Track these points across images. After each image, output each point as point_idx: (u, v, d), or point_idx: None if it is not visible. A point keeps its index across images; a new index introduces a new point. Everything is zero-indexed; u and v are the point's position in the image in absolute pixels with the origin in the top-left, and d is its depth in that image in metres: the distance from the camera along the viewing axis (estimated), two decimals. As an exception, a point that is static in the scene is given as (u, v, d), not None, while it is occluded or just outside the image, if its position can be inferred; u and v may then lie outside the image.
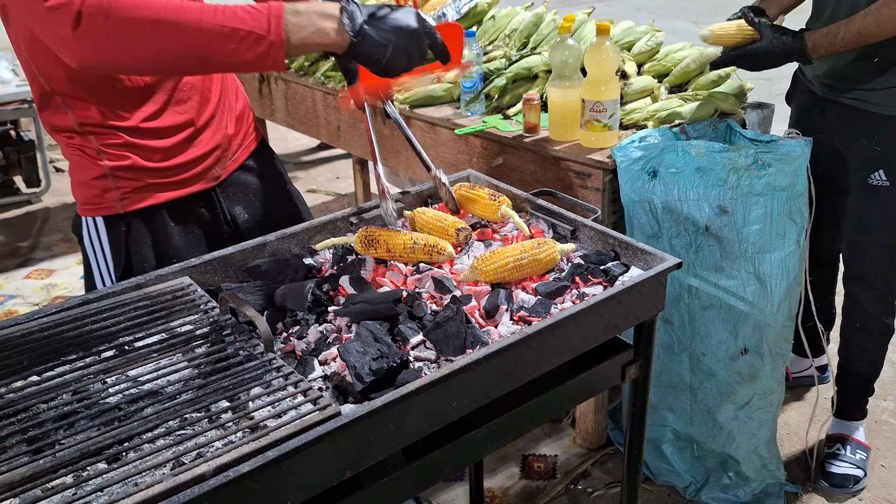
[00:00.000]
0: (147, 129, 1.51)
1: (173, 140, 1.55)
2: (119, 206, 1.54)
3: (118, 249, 1.57)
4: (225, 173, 1.67)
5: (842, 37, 1.85)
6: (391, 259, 1.48)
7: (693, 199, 1.86)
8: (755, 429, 2.08)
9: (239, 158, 1.71)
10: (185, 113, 1.56)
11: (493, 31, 2.69)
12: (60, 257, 3.86)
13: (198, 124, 1.59)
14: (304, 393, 1.05)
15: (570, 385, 1.36)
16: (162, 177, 1.55)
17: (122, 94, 1.47)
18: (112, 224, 1.56)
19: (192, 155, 1.59)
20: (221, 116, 1.65)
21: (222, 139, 1.65)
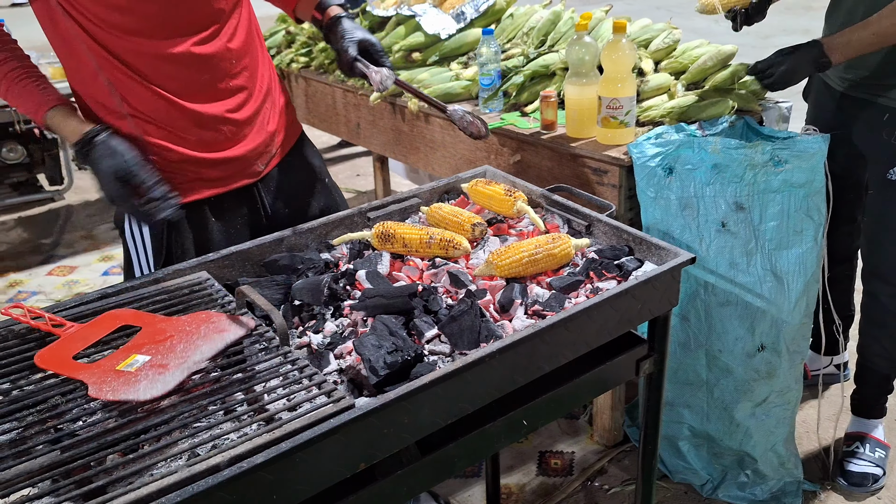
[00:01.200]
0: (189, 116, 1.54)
1: (217, 135, 1.58)
2: None
3: (159, 243, 1.59)
4: (266, 169, 1.70)
5: (858, 38, 1.84)
6: (407, 254, 1.49)
7: (709, 196, 1.86)
8: (772, 426, 2.07)
9: (280, 154, 1.74)
10: (230, 109, 1.59)
11: (512, 28, 2.70)
12: (82, 254, 3.92)
13: (241, 120, 1.61)
14: (318, 386, 1.06)
15: (584, 379, 1.36)
16: (205, 171, 1.58)
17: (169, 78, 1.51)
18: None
19: (236, 152, 1.61)
20: (265, 113, 1.67)
21: (265, 136, 1.67)
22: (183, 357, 1.07)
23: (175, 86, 1.51)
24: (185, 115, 1.53)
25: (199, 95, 1.54)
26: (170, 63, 1.49)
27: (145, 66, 1.48)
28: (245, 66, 1.61)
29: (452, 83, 2.54)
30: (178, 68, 1.51)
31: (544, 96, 2.15)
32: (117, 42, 1.45)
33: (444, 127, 2.49)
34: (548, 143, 2.16)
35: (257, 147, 1.65)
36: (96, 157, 1.40)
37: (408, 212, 1.65)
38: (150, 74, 1.49)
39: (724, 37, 2.05)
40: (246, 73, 1.61)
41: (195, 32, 1.51)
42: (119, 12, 1.43)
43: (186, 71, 1.52)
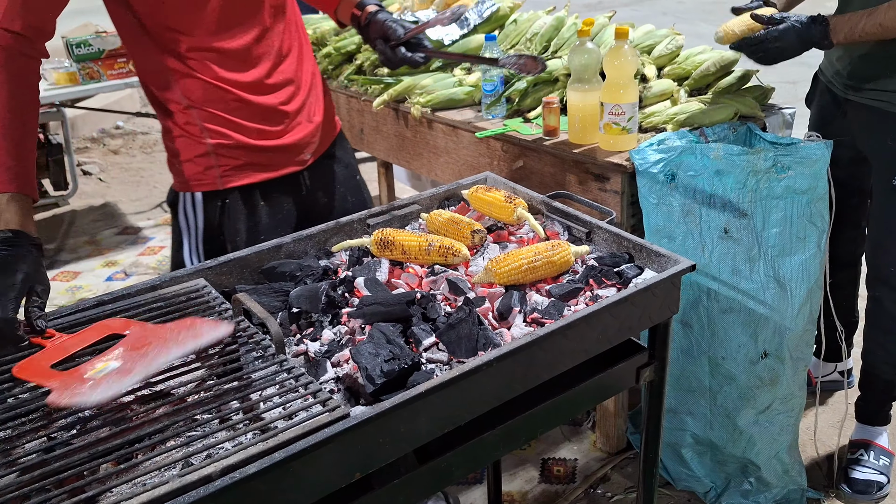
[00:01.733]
0: (246, 107, 1.64)
1: (269, 122, 1.67)
2: (219, 182, 1.66)
3: (211, 224, 1.68)
4: (312, 158, 1.79)
5: (863, 26, 1.81)
6: (406, 261, 1.49)
7: (712, 203, 1.85)
8: (776, 434, 2.05)
9: (324, 145, 1.83)
10: (282, 101, 1.69)
11: (515, 34, 2.69)
12: (86, 259, 3.92)
13: (291, 112, 1.71)
14: (313, 395, 1.05)
15: (583, 387, 1.35)
16: (258, 157, 1.67)
17: (225, 72, 1.60)
18: (210, 199, 1.68)
19: (286, 140, 1.71)
20: (311, 105, 1.77)
21: (312, 127, 1.77)
22: (150, 362, 1.06)
23: (231, 79, 1.61)
24: (242, 105, 1.63)
25: (253, 88, 1.64)
26: (226, 58, 1.60)
27: (201, 61, 1.58)
28: (292, 60, 1.72)
29: (455, 89, 2.53)
30: (234, 62, 1.61)
31: (547, 102, 2.15)
32: (176, 38, 1.55)
33: (447, 133, 2.49)
34: (550, 150, 2.15)
35: (305, 137, 1.75)
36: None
37: (407, 218, 1.65)
38: (206, 69, 1.59)
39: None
40: (293, 67, 1.72)
41: (248, 29, 1.62)
42: (177, 11, 1.53)
43: (241, 65, 1.62)
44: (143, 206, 4.58)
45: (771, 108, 2.22)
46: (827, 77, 2.13)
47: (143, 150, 5.51)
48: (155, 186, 4.87)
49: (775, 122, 2.18)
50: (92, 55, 3.57)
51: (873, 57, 1.93)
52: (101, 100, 5.42)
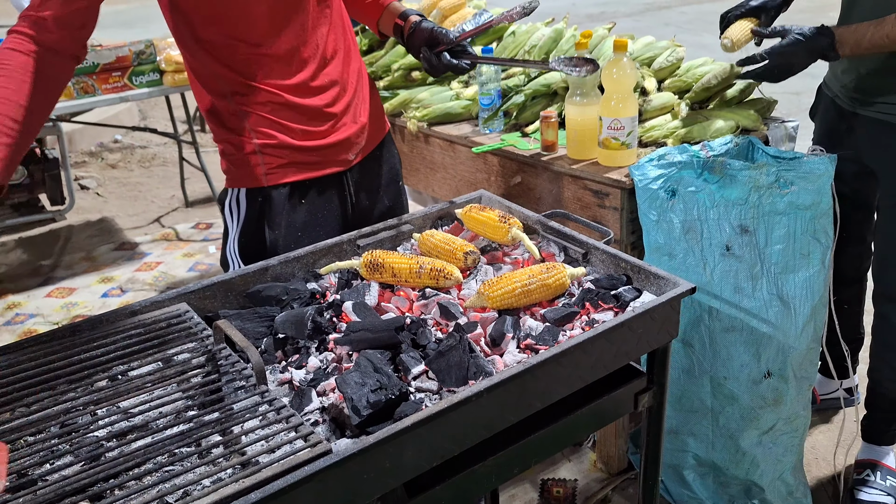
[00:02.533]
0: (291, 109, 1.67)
1: (314, 122, 1.70)
2: (264, 179, 1.70)
3: (251, 218, 1.72)
4: (356, 159, 1.81)
5: (870, 37, 1.77)
6: (397, 284, 1.44)
7: (713, 219, 1.80)
8: (780, 455, 2.00)
9: (369, 147, 1.85)
10: (327, 103, 1.72)
11: (513, 47, 2.65)
12: (82, 276, 3.88)
13: (337, 113, 1.73)
14: (295, 428, 1.01)
15: (579, 415, 1.30)
16: (302, 156, 1.70)
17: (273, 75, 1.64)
18: (252, 195, 1.72)
19: (330, 140, 1.73)
20: (356, 107, 1.79)
21: (357, 128, 1.79)
22: None
23: (278, 83, 1.65)
24: (287, 107, 1.67)
25: (299, 90, 1.67)
26: (273, 61, 1.63)
27: (250, 65, 1.62)
28: (338, 62, 1.75)
29: (452, 102, 2.50)
30: (281, 66, 1.65)
31: (544, 117, 2.11)
32: (228, 44, 1.60)
33: (444, 148, 2.45)
34: (548, 165, 2.11)
35: (349, 137, 1.77)
36: None
37: (399, 239, 1.61)
38: (255, 72, 1.63)
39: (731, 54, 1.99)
40: (339, 69, 1.74)
41: (295, 32, 1.64)
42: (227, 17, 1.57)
43: (287, 68, 1.65)
44: (140, 221, 4.55)
45: (774, 121, 2.18)
46: (832, 90, 2.08)
47: (141, 165, 5.49)
48: (152, 201, 4.84)
49: (778, 135, 2.13)
50: (86, 69, 3.54)
51: (881, 70, 1.89)
52: (100, 114, 5.40)
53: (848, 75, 1.99)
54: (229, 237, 1.78)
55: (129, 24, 10.02)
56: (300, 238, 1.71)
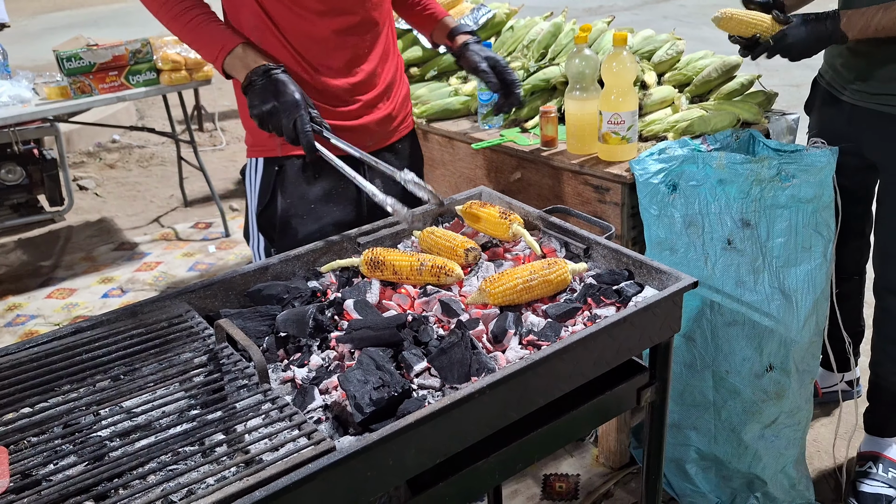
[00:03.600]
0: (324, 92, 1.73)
1: (342, 107, 1.76)
2: (279, 149, 1.75)
3: (266, 188, 1.78)
4: (375, 146, 1.85)
5: (878, 20, 1.77)
6: (398, 281, 1.44)
7: (714, 213, 1.80)
8: (782, 448, 2.00)
9: (391, 138, 1.90)
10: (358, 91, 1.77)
11: (512, 42, 2.65)
12: (82, 276, 3.88)
13: (365, 100, 1.79)
14: (298, 426, 1.01)
15: (581, 411, 1.30)
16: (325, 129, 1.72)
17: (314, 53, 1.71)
18: (269, 164, 1.78)
19: (350, 122, 1.78)
20: (384, 98, 1.85)
21: (382, 116, 1.84)
22: None
23: (316, 60, 1.71)
24: (318, 85, 1.72)
25: (335, 72, 1.73)
26: (317, 42, 1.70)
27: (295, 38, 1.68)
28: (377, 55, 1.80)
29: (451, 98, 2.49)
30: (323, 48, 1.71)
31: (544, 112, 2.10)
32: (279, 12, 1.66)
33: (443, 144, 2.44)
34: (548, 161, 2.11)
35: (370, 124, 1.82)
36: (288, 79, 1.55)
37: (400, 236, 1.60)
38: (298, 46, 1.69)
39: (730, 46, 1.99)
40: (376, 61, 1.80)
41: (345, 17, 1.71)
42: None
43: (330, 51, 1.72)
44: (139, 220, 4.54)
45: (774, 114, 2.17)
46: (831, 83, 2.08)
47: (139, 164, 5.48)
48: (151, 201, 4.83)
49: (779, 128, 2.13)
50: (83, 69, 3.53)
51: (882, 60, 1.88)
52: (97, 113, 5.39)
53: (848, 67, 1.98)
54: (249, 209, 1.85)
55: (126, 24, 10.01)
56: (312, 209, 1.77)
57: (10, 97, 3.53)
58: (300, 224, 1.76)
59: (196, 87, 4.53)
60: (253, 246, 1.88)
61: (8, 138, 3.69)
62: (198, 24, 1.60)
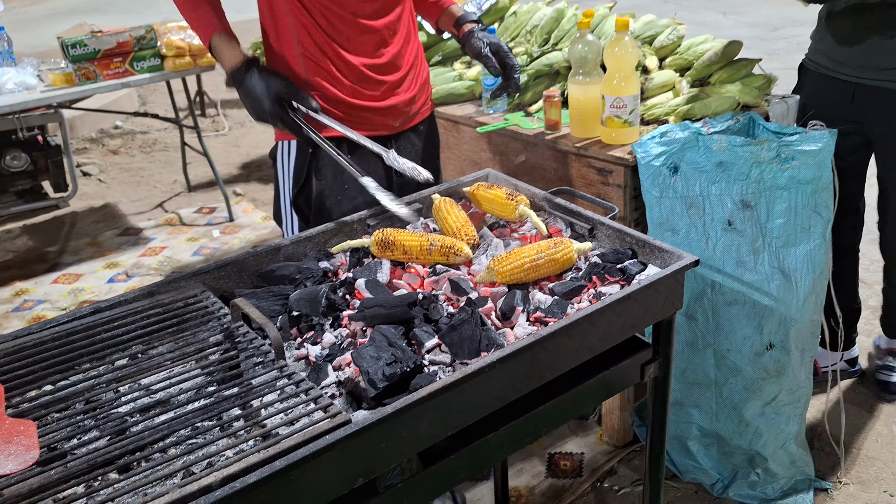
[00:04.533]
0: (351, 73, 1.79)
1: (368, 88, 1.82)
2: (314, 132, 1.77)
3: (300, 170, 1.84)
4: (401, 127, 1.92)
5: None
6: (407, 261, 1.47)
7: (715, 194, 1.83)
8: (783, 425, 2.04)
9: (414, 120, 1.96)
10: (382, 71, 1.83)
11: (515, 27, 2.67)
12: (88, 261, 3.91)
13: (388, 80, 1.84)
14: (315, 401, 1.04)
15: (587, 385, 1.34)
16: (351, 113, 1.82)
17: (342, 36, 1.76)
18: (302, 147, 1.83)
19: (379, 103, 1.84)
20: (409, 80, 1.91)
21: (406, 98, 1.90)
22: None
23: (345, 43, 1.77)
24: (347, 67, 1.78)
25: (362, 54, 1.79)
26: (347, 25, 1.75)
27: (326, 21, 1.74)
28: (400, 39, 1.86)
29: (455, 83, 2.51)
30: (351, 30, 1.76)
31: (547, 96, 2.13)
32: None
33: (448, 128, 2.47)
34: (552, 144, 2.13)
35: (397, 105, 1.88)
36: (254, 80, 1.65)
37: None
38: (328, 29, 1.74)
39: (731, 30, 2.04)
40: (399, 44, 1.86)
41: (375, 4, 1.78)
42: None
43: (358, 34, 1.77)
44: (143, 206, 4.57)
45: (774, 97, 2.19)
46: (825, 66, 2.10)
47: (142, 150, 5.50)
48: (155, 186, 4.86)
49: (778, 111, 2.15)
50: (87, 55, 3.55)
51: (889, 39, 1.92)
52: (99, 100, 5.40)
53: (852, 45, 2.01)
54: (282, 191, 1.89)
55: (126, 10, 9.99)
56: (346, 190, 1.81)
57: (15, 84, 3.54)
58: (335, 204, 1.81)
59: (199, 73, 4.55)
60: (286, 226, 1.92)
61: (13, 125, 3.71)
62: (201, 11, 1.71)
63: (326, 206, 1.82)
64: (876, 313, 2.90)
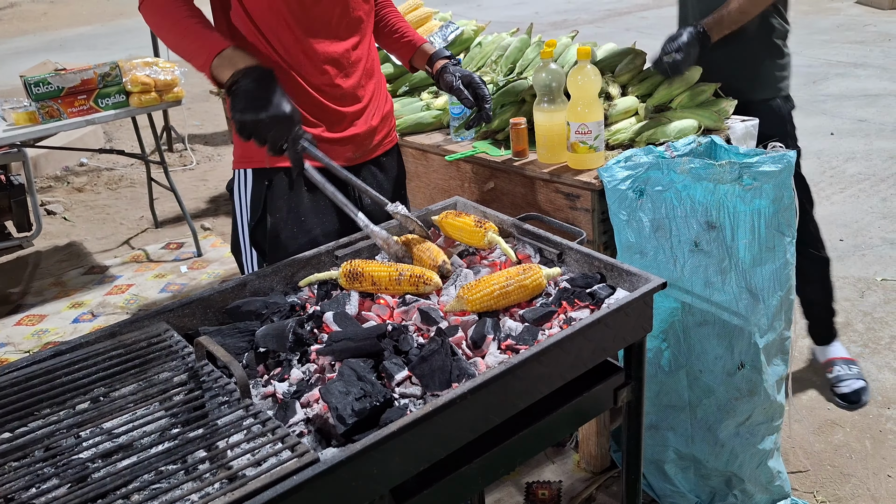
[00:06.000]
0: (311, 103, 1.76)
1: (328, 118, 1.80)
2: (267, 161, 1.77)
3: (257, 200, 1.80)
4: (360, 159, 1.91)
5: (727, 16, 2.17)
6: (376, 292, 1.46)
7: (681, 216, 1.84)
8: (758, 444, 2.04)
9: (376, 151, 1.95)
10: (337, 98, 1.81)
11: (480, 57, 2.69)
12: (52, 302, 3.83)
13: (349, 112, 1.83)
14: (282, 440, 1.02)
15: (561, 413, 1.32)
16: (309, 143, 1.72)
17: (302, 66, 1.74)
18: (258, 176, 1.80)
19: (336, 133, 1.82)
20: (369, 112, 1.89)
21: (367, 128, 1.88)
22: None
23: (300, 69, 1.74)
24: (306, 96, 1.75)
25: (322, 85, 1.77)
26: (307, 57, 1.74)
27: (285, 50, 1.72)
28: (359, 70, 1.85)
29: (423, 113, 2.52)
30: (311, 61, 1.74)
31: (514, 124, 2.14)
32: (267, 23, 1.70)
33: (417, 157, 2.47)
34: (520, 170, 2.14)
35: (358, 136, 1.86)
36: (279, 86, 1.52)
37: (377, 248, 1.62)
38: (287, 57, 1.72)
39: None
40: (358, 75, 1.84)
41: (332, 35, 1.77)
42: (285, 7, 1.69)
43: (319, 63, 1.75)
44: (109, 243, 4.50)
45: (734, 120, 2.23)
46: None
47: (108, 187, 5.43)
48: (121, 223, 4.79)
49: (738, 133, 2.19)
50: (51, 93, 3.51)
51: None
52: (64, 137, 5.34)
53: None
54: (240, 223, 1.85)
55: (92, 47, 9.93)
56: (303, 223, 1.79)
57: (-24, 124, 3.48)
58: (290, 238, 1.78)
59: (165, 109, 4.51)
60: (246, 261, 1.88)
61: (-26, 166, 3.65)
62: (193, 30, 1.59)
63: (282, 240, 1.79)
64: (845, 329, 2.94)
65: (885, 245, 3.59)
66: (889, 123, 5.26)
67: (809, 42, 7.66)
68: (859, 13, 8.94)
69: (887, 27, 8.15)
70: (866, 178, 4.39)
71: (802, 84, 6.23)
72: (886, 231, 3.72)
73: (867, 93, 5.97)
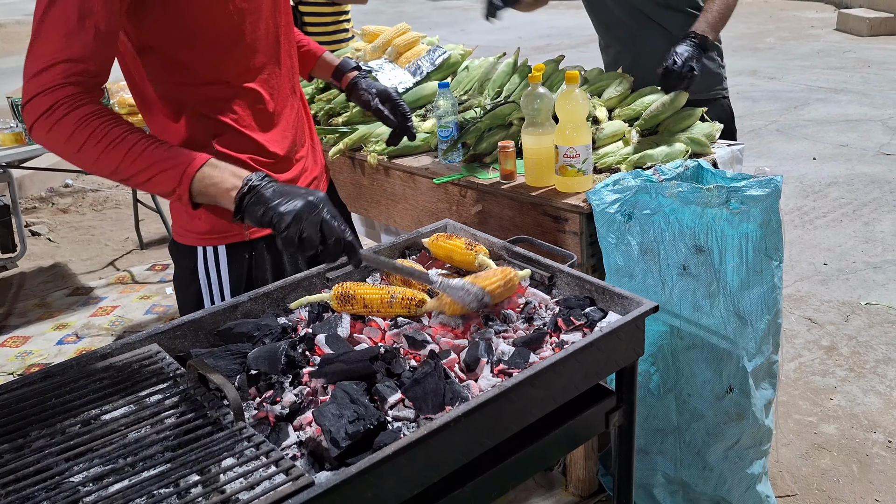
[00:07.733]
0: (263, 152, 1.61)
1: (279, 168, 1.64)
2: (247, 233, 1.62)
3: (239, 276, 1.63)
4: None
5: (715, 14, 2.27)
6: (368, 314, 1.46)
7: (669, 240, 1.86)
8: (746, 469, 2.05)
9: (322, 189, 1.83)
10: (290, 146, 1.68)
11: (468, 81, 2.71)
12: (36, 323, 3.79)
13: (298, 156, 1.71)
14: (275, 463, 1.01)
15: (553, 436, 1.32)
16: None
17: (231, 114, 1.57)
18: (235, 251, 1.63)
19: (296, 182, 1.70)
20: (313, 151, 1.80)
21: (318, 170, 1.80)
22: None
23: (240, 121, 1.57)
24: (251, 144, 1.59)
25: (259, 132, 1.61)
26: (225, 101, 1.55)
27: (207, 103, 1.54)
28: (299, 107, 1.73)
29: (410, 136, 2.53)
30: (240, 106, 1.57)
31: (502, 147, 2.16)
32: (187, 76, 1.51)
33: (405, 179, 2.48)
34: (508, 193, 2.15)
35: (311, 181, 1.76)
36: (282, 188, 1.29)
37: (368, 270, 1.62)
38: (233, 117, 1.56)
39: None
40: (290, 118, 1.69)
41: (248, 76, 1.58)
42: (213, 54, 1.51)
43: (247, 109, 1.59)
44: (94, 265, 4.47)
45: (720, 144, 2.26)
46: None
47: (93, 208, 5.41)
48: (106, 244, 4.76)
49: (725, 157, 2.21)
50: (38, 114, 3.49)
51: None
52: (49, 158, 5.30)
53: None
54: (208, 298, 1.65)
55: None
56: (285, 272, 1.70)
57: (-39, 144, 3.47)
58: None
59: (151, 130, 4.50)
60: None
61: (-43, 187, 3.62)
62: (144, 149, 1.30)
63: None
64: (830, 353, 2.96)
65: (868, 269, 3.63)
66: (870, 148, 5.35)
67: (790, 68, 7.78)
68: (839, 39, 9.11)
69: (867, 53, 8.30)
70: (848, 203, 4.45)
71: (784, 109, 6.32)
72: (869, 255, 3.76)
73: (848, 118, 6.07)
